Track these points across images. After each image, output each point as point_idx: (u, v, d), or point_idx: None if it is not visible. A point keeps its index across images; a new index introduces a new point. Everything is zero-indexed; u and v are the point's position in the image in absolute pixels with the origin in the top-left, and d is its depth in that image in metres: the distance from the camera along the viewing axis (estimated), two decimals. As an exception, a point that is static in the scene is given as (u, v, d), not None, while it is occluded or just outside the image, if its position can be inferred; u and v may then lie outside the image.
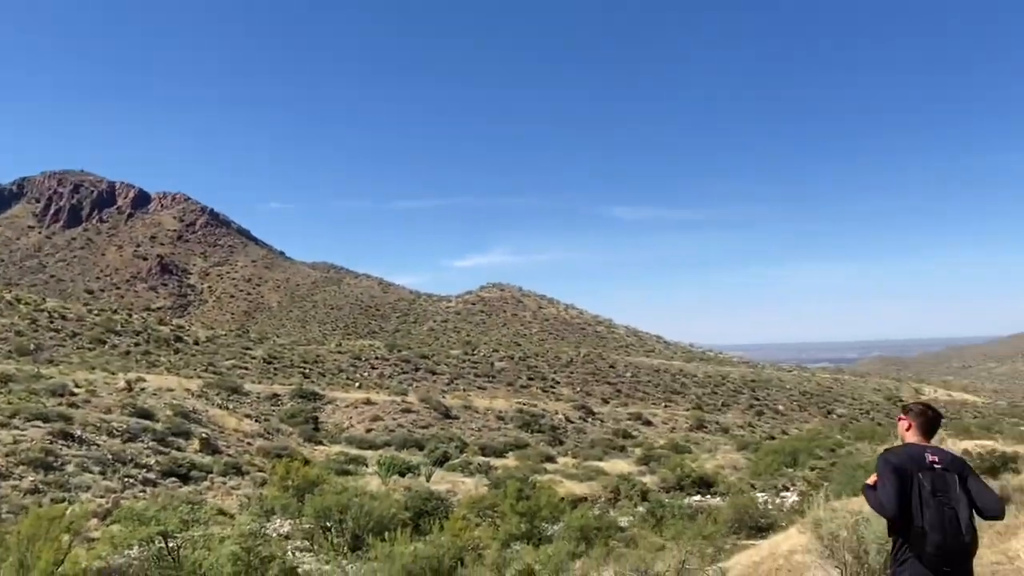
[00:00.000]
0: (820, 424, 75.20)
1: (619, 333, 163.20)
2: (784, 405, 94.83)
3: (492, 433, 60.42)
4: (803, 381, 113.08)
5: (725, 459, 52.14)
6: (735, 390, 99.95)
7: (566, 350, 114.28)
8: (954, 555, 3.57)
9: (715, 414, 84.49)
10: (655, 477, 42.55)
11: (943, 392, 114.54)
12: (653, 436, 68.27)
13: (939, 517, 3.56)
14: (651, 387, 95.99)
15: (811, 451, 44.99)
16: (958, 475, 3.74)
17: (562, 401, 79.40)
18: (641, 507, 30.92)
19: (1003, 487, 11.47)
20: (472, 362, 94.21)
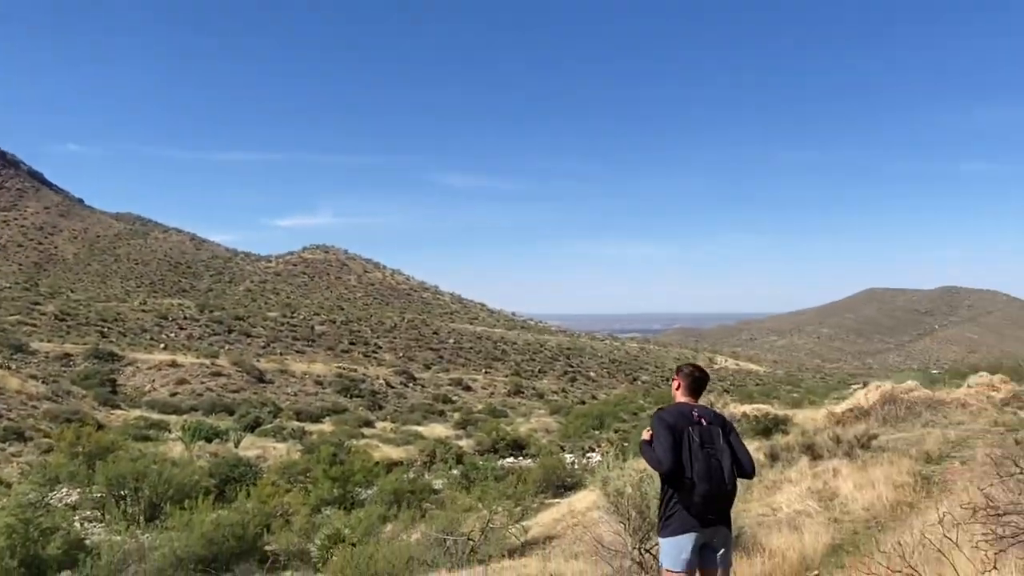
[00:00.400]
0: (626, 390, 79.83)
1: (444, 300, 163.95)
2: (595, 372, 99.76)
3: (309, 398, 58.98)
4: (614, 350, 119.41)
5: (539, 423, 54.17)
6: (552, 357, 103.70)
7: (390, 315, 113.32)
8: (718, 501, 3.86)
9: (532, 380, 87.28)
10: (471, 440, 43.34)
11: (732, 362, 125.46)
12: (472, 401, 69.56)
13: (706, 468, 3.80)
14: (473, 353, 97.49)
15: (616, 415, 47.82)
16: (721, 428, 4.01)
17: (384, 366, 78.85)
18: (456, 470, 31.47)
19: (773, 446, 12.80)
20: (291, 325, 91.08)
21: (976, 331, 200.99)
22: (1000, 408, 14.48)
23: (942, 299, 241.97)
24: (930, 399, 15.55)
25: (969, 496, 7.34)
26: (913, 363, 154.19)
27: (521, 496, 26.01)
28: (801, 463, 10.55)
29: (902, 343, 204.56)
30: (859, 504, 8.10)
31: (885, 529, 7.16)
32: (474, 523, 10.91)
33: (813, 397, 37.35)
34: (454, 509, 12.54)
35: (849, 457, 10.57)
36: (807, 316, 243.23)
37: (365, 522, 16.75)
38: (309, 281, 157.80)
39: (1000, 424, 12.81)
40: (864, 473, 9.28)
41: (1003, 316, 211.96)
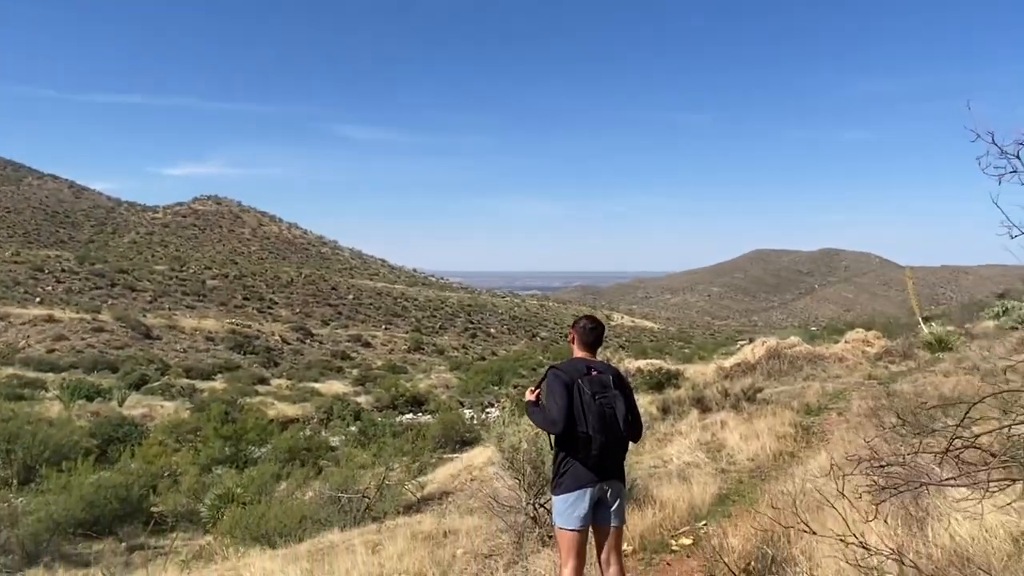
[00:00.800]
0: (526, 346, 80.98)
1: (344, 255, 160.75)
2: (496, 328, 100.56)
3: (200, 355, 56.92)
4: (514, 307, 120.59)
5: (438, 379, 54.25)
6: (452, 314, 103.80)
7: (287, 270, 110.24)
8: (613, 452, 3.75)
9: (433, 336, 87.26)
10: (370, 397, 42.99)
11: (628, 319, 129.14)
12: (372, 357, 68.95)
13: (600, 418, 3.68)
14: (373, 310, 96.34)
15: (516, 370, 48.46)
16: (613, 376, 3.88)
17: (280, 322, 76.85)
18: (353, 427, 31.13)
19: (665, 400, 13.20)
20: (180, 279, 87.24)
21: (851, 291, 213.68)
22: (873, 362, 15.42)
23: (822, 260, 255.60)
24: (811, 354, 16.40)
25: (845, 447, 7.72)
26: (795, 320, 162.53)
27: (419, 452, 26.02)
28: (691, 416, 10.90)
29: (785, 301, 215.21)
30: (744, 455, 8.42)
31: (768, 478, 7.47)
32: (370, 480, 10.76)
33: (703, 353, 38.83)
34: (349, 466, 12.34)
35: (736, 410, 10.99)
36: (700, 275, 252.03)
37: (257, 481, 16.33)
38: (200, 233, 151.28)
39: (873, 377, 13.63)
40: (750, 425, 9.65)
41: (876, 277, 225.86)
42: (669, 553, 5.25)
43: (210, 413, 28.17)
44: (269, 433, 26.38)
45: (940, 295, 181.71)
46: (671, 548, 5.31)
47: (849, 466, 6.72)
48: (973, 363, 12.58)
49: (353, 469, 12.75)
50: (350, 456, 16.81)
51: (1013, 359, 12.82)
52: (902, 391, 10.98)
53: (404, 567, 5.42)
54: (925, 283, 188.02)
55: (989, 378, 10.91)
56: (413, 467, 20.05)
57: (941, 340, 16.62)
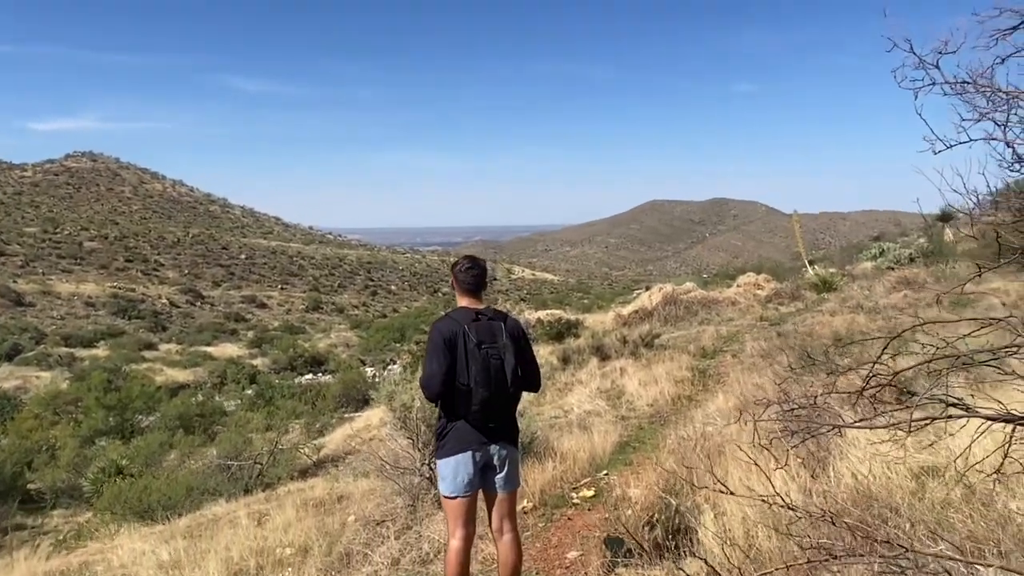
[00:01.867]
0: (427, 302, 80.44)
1: (235, 214, 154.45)
2: (397, 285, 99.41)
3: (79, 321, 53.62)
4: (415, 263, 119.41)
5: (339, 338, 53.23)
6: (352, 272, 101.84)
7: (173, 230, 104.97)
8: (500, 409, 3.39)
9: (331, 295, 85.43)
10: (267, 359, 41.87)
11: (528, 272, 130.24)
12: (268, 318, 66.89)
13: (485, 370, 3.32)
14: (267, 269, 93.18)
15: (417, 327, 47.96)
16: (504, 324, 3.49)
17: (167, 285, 73.27)
18: (249, 390, 30.16)
19: (565, 349, 13.14)
20: (54, 242, 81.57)
21: (740, 238, 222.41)
22: (764, 305, 15.86)
23: (712, 209, 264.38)
24: (705, 299, 16.72)
25: (741, 388, 7.76)
26: (688, 269, 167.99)
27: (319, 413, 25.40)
28: (591, 364, 10.84)
29: (678, 250, 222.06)
30: (644, 401, 8.39)
31: (668, 423, 7.44)
32: (262, 445, 10.22)
33: (601, 302, 39.43)
34: (240, 431, 11.72)
35: (634, 356, 11.01)
36: (598, 227, 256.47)
37: (144, 451, 15.48)
38: (75, 193, 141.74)
39: (765, 319, 14.00)
40: (648, 371, 9.66)
41: (762, 224, 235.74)
42: (570, 507, 5.07)
43: (91, 382, 26.64)
44: (157, 400, 25.24)
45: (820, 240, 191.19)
46: (572, 502, 5.14)
47: (748, 409, 6.72)
48: (857, 302, 13.06)
49: (244, 434, 12.14)
50: (242, 420, 16.08)
51: (891, 296, 13.41)
52: (791, 331, 11.27)
53: (289, 539, 5.05)
54: (807, 229, 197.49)
55: (873, 315, 11.33)
56: (314, 427, 19.54)
57: (825, 281, 17.26)
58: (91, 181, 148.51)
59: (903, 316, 11.01)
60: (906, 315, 11.20)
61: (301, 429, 20.64)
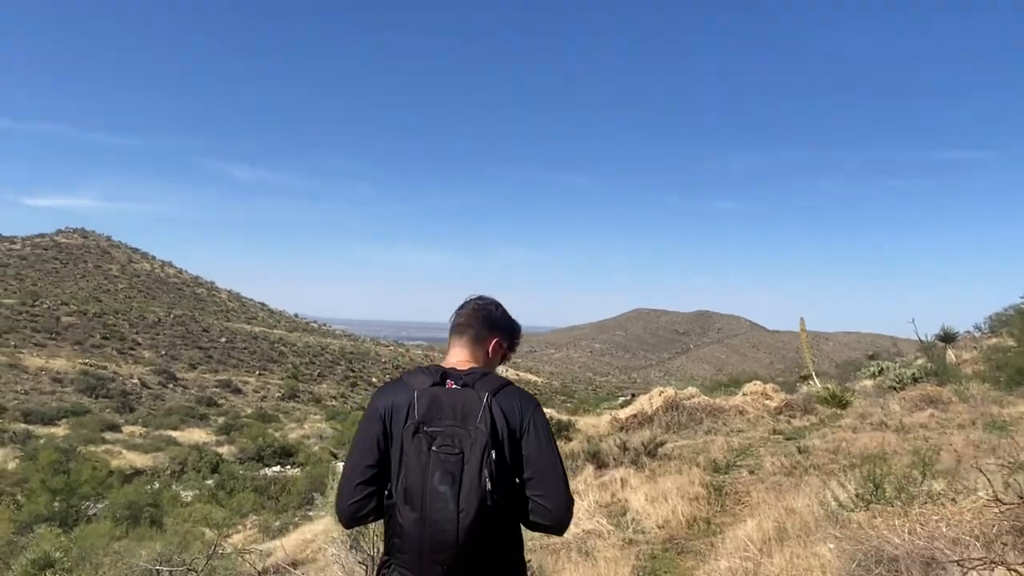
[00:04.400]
0: (408, 397, 78.38)
1: (221, 297, 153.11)
2: (378, 377, 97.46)
3: (43, 397, 51.46)
4: (398, 356, 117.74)
5: (312, 428, 51.23)
6: (333, 361, 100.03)
7: (155, 310, 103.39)
8: (442, 551, 1.80)
9: (310, 384, 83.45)
10: (234, 447, 40.07)
11: (512, 372, 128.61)
12: (241, 405, 64.73)
13: (420, 477, 1.82)
14: (247, 354, 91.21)
15: (396, 422, 46.26)
16: (491, 395, 1.94)
17: (141, 364, 71.22)
18: (211, 479, 28.45)
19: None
20: (31, 315, 79.75)
21: (724, 351, 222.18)
22: (775, 416, 14.73)
23: (697, 321, 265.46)
24: (710, 406, 15.56)
25: (771, 511, 6.54)
26: (672, 378, 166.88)
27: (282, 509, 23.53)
28: (586, 472, 9.57)
29: (663, 360, 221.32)
30: (653, 520, 7.11)
31: (687, 552, 6.18)
32: (197, 549, 8.76)
33: (586, 406, 38.21)
34: (175, 529, 10.21)
35: (636, 465, 9.76)
36: (583, 331, 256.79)
37: (80, 543, 13.89)
38: (62, 268, 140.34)
39: (778, 432, 12.83)
40: (654, 484, 8.40)
41: (745, 339, 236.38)
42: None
43: (40, 462, 24.85)
44: (108, 486, 23.54)
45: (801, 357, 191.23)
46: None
47: (787, 539, 5.46)
48: (880, 419, 11.95)
49: (191, 529, 10.63)
50: (188, 514, 14.49)
51: (916, 415, 12.29)
52: (813, 447, 10.09)
53: None
54: (789, 347, 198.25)
55: (902, 434, 10.20)
56: (273, 526, 17.86)
57: (835, 395, 16.18)
58: (79, 257, 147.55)
59: (935, 435, 9.87)
60: (936, 433, 10.08)
61: (259, 527, 18.93)
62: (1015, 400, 14.13)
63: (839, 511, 5.05)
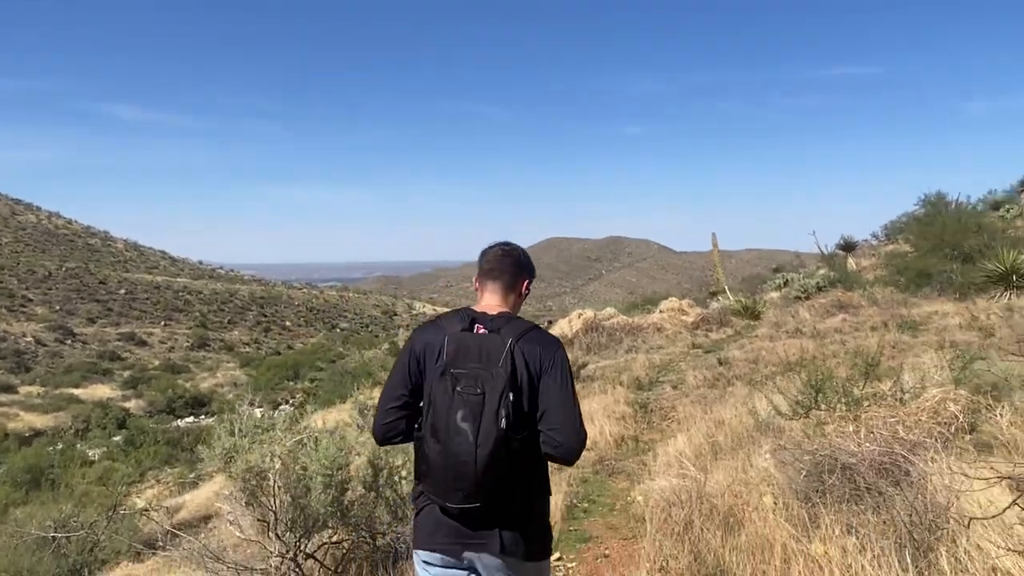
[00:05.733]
0: (325, 338, 77.09)
1: (117, 247, 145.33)
2: (292, 321, 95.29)
3: (-75, 362, 47.92)
4: (312, 298, 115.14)
5: (226, 377, 49.83)
6: (243, 307, 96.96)
7: (46, 263, 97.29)
8: (469, 478, 1.98)
9: (220, 332, 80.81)
10: (143, 401, 38.55)
11: (430, 307, 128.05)
12: (147, 357, 62.12)
13: (446, 413, 2.00)
14: (150, 305, 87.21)
15: (313, 364, 45.27)
16: (514, 340, 2.10)
17: (34, 321, 67.16)
18: (118, 436, 27.22)
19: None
20: (-97, 276, 73.71)
21: (635, 275, 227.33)
22: (692, 331, 14.81)
23: (608, 247, 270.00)
24: (629, 325, 15.51)
25: (703, 425, 6.35)
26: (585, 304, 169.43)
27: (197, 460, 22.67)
28: (510, 400, 9.24)
29: (576, 287, 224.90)
30: (581, 443, 6.85)
31: (618, 472, 5.94)
32: (96, 511, 8.05)
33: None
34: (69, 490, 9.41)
35: (559, 390, 9.50)
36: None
37: (-31, 514, 12.85)
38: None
39: (697, 346, 12.89)
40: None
41: (654, 261, 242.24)
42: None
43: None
44: (4, 450, 22.19)
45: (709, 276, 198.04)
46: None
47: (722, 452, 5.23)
48: (795, 327, 12.09)
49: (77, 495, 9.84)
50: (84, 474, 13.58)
51: (829, 321, 12.48)
52: (733, 358, 10.07)
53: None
54: (696, 267, 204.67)
55: (819, 340, 10.27)
56: (189, 478, 17.08)
57: (748, 307, 16.40)
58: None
59: (850, 339, 9.98)
60: (851, 337, 10.20)
61: (173, 480, 18.11)
62: (919, 301, 14.60)
63: (776, 419, 4.85)
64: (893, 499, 2.83)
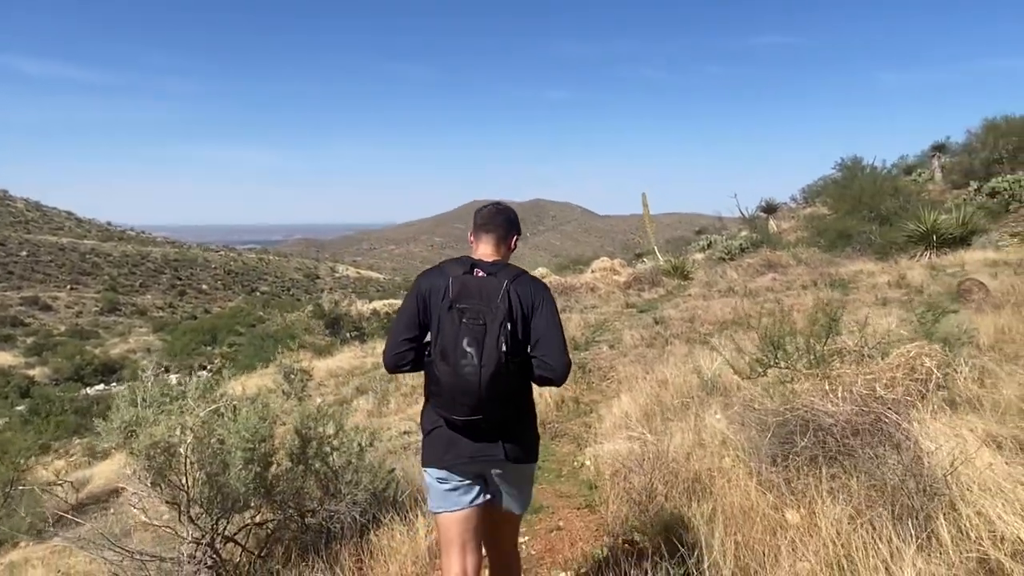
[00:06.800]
0: (244, 302, 74.82)
1: (17, 207, 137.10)
2: (209, 284, 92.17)
3: None
4: (230, 261, 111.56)
5: (138, 342, 47.88)
6: (157, 270, 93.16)
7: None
8: (474, 395, 2.33)
9: (132, 295, 77.53)
10: (47, 368, 36.64)
11: (353, 270, 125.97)
12: (53, 322, 59.06)
13: (454, 341, 2.35)
14: (54, 268, 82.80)
15: (232, 328, 43.79)
16: (509, 281, 2.47)
17: (-75, 286, 62.86)
18: (21, 405, 25.74)
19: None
20: None
21: (558, 238, 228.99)
22: (625, 291, 14.70)
23: (532, 210, 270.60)
24: (562, 284, 15.31)
25: (646, 386, 6.15)
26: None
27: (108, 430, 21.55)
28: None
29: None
30: (519, 405, 6.57)
31: (561, 436, 5.68)
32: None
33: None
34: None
35: (493, 351, 9.21)
36: (422, 226, 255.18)
37: None
38: None
39: (631, 305, 12.76)
40: (515, 367, 7.87)
41: (578, 225, 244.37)
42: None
43: None
44: None
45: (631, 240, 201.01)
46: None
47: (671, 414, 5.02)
48: (728, 286, 12.09)
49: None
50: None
51: (758, 280, 12.54)
52: (669, 317, 9.95)
53: None
54: (618, 231, 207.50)
55: (753, 298, 10.25)
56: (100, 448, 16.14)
57: (678, 268, 16.42)
58: None
59: (783, 297, 10.00)
60: (782, 295, 10.23)
61: (82, 452, 17.11)
62: (842, 261, 14.86)
63: (722, 379, 4.66)
64: (885, 462, 2.62)
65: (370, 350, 14.41)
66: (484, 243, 2.67)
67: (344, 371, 13.02)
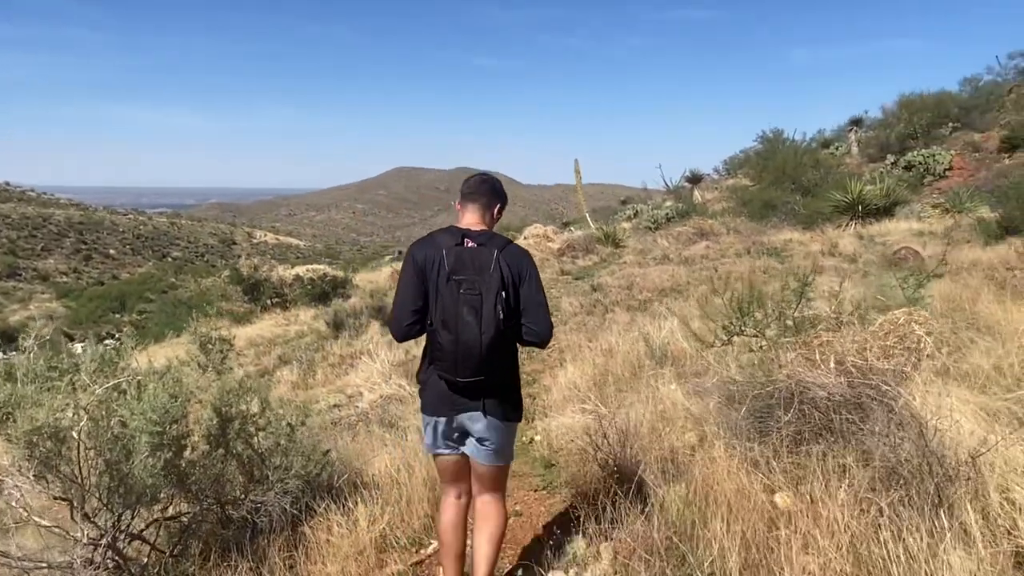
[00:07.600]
0: (154, 267, 71.73)
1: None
2: (117, 249, 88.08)
3: None
4: (139, 225, 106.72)
5: (40, 309, 45.33)
6: (60, 234, 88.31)
7: None
8: (473, 359, 2.56)
9: (33, 260, 73.36)
10: (-63, 338, 34.18)
11: (272, 236, 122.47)
12: (-58, 289, 55.19)
13: (454, 309, 2.56)
14: (-57, 231, 77.47)
15: (142, 295, 41.86)
16: (499, 251, 2.66)
17: None
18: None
19: (336, 312, 10.59)
20: None
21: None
22: (559, 257, 14.45)
23: (458, 178, 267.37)
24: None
25: (591, 354, 5.88)
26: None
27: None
28: (373, 330, 8.44)
29: (425, 217, 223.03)
30: (456, 376, 6.22)
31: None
32: None
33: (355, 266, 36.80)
34: None
35: (425, 319, 8.80)
36: (345, 192, 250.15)
37: None
38: None
39: (566, 273, 12.51)
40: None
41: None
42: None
43: None
44: None
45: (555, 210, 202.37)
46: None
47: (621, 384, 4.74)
48: (663, 254, 11.96)
49: None
50: None
51: (692, 248, 12.46)
52: (606, 284, 9.73)
53: None
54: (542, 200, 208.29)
55: (689, 266, 10.13)
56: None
57: (610, 235, 16.28)
58: None
59: (719, 264, 9.91)
60: (718, 263, 10.15)
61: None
62: (768, 230, 14.98)
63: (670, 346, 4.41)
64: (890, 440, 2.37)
65: (293, 317, 13.75)
66: (470, 212, 2.83)
67: (265, 340, 12.38)
